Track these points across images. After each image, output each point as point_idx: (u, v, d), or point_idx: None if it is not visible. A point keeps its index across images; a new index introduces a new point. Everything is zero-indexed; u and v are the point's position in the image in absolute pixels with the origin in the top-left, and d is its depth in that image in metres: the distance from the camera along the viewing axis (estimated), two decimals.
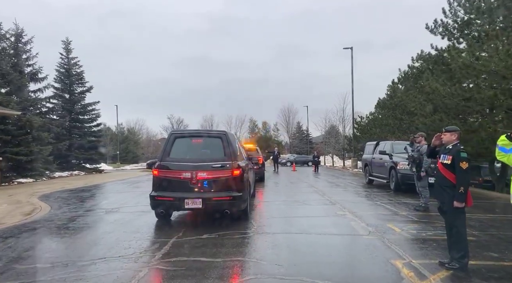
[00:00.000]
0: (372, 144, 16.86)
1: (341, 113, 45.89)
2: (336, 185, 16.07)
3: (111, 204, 10.37)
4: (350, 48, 30.72)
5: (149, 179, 20.96)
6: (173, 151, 7.19)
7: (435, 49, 19.65)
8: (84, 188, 14.62)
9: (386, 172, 13.91)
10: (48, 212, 8.64)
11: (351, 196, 12.11)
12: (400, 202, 10.40)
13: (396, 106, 23.28)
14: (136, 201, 10.66)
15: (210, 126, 77.38)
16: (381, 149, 14.88)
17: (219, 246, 5.59)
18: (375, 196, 11.73)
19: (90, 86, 24.88)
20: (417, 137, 9.29)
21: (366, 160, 16.55)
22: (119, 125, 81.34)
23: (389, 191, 13.05)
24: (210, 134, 8.39)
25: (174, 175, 6.89)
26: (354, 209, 9.02)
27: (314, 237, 6.23)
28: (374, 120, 29.91)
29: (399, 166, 12.75)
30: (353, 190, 14.04)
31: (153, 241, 5.98)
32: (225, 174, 6.93)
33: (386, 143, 14.92)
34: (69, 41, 24.54)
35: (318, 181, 19.08)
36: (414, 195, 11.62)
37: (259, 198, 11.25)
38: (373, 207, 9.62)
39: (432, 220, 7.66)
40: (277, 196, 11.94)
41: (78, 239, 6.26)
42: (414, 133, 21.08)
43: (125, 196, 12.15)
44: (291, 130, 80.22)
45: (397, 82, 29.09)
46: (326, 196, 11.77)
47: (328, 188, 14.84)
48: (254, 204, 9.85)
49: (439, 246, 5.65)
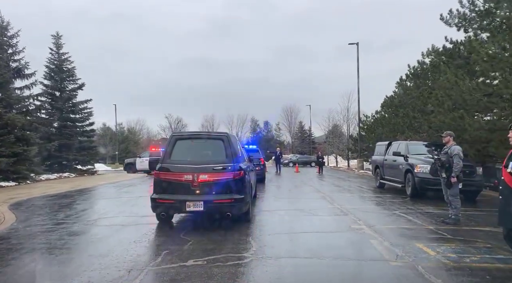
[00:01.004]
0: (383, 144, 15.50)
1: (345, 112, 44.43)
2: (344, 189, 14.73)
3: (89, 214, 9.05)
4: (356, 44, 29.35)
5: (143, 182, 19.82)
6: (174, 152, 7.11)
7: (449, 42, 18.34)
8: (67, 193, 13.29)
9: (400, 175, 12.55)
10: (8, 226, 7.30)
11: (364, 203, 10.77)
12: (422, 211, 9.04)
13: (405, 104, 21.90)
14: (119, 210, 9.34)
15: (211, 126, 76.35)
16: (394, 149, 13.53)
17: (205, 278, 4.26)
18: (391, 204, 10.37)
19: (82, 84, 23.51)
20: (445, 137, 7.93)
21: (377, 161, 15.19)
22: (118, 125, 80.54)
23: (405, 197, 11.70)
24: (211, 136, 8.31)
25: (175, 177, 6.79)
26: (370, 221, 7.68)
27: (328, 264, 4.88)
28: (382, 119, 28.50)
29: (416, 168, 11.40)
30: (364, 195, 12.69)
31: (122, 269, 4.63)
32: (227, 176, 6.81)
33: (400, 143, 13.55)
34: (59, 35, 23.18)
35: (323, 184, 17.73)
36: (435, 202, 10.31)
37: (259, 206, 9.92)
38: (393, 218, 8.26)
39: (469, 237, 6.31)
40: (280, 203, 10.59)
41: (20, 269, 4.84)
42: (425, 133, 19.76)
43: (109, 204, 10.82)
44: (293, 130, 78.87)
45: (405, 80, 27.78)
46: (336, 203, 10.43)
47: (336, 193, 13.49)
48: (253, 214, 8.53)
49: (494, 280, 4.30)
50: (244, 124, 77.16)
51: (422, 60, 24.30)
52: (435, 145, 14.06)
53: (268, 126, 79.58)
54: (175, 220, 7.77)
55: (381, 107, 34.02)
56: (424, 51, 24.55)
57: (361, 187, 15.51)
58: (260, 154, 20.84)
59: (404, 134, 20.15)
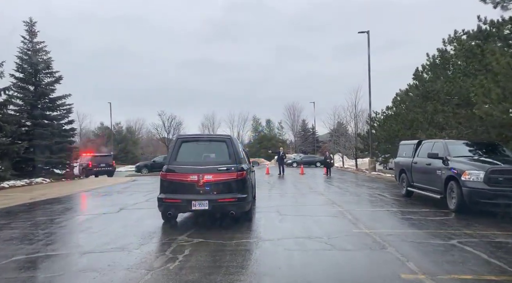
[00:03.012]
0: (410, 143, 12.77)
1: (352, 108, 41.34)
2: (364, 200, 11.97)
3: (12, 250, 6.37)
4: (367, 32, 26.57)
5: (126, 188, 17.12)
6: (180, 154, 7.41)
7: (483, 22, 15.59)
8: (12, 209, 10.60)
9: (438, 183, 9.84)
10: None
11: (400, 225, 8.01)
12: (489, 239, 6.31)
13: (428, 97, 19.11)
14: (56, 246, 6.66)
15: (211, 125, 74.01)
16: (427, 150, 10.81)
17: None
18: (436, 225, 7.63)
19: (59, 76, 20.69)
20: None
21: (403, 165, 12.45)
22: (117, 124, 78.43)
23: (447, 212, 9.00)
24: (215, 138, 8.57)
25: (181, 177, 7.12)
26: (426, 264, 4.98)
27: None
28: (396, 116, 25.70)
29: (464, 176, 8.66)
30: (392, 209, 9.95)
31: None
32: (230, 177, 7.15)
33: (436, 143, 10.78)
34: (33, 22, 20.40)
35: (336, 191, 15.00)
36: (494, 221, 7.67)
37: (259, 231, 7.23)
38: (455, 255, 5.52)
39: None
40: (285, 225, 7.85)
41: None
42: (454, 129, 16.98)
43: (57, 228, 8.12)
44: (296, 128, 76.11)
45: (422, 71, 25.04)
46: (362, 223, 7.72)
47: (356, 205, 10.77)
48: (250, 249, 5.87)
49: None
50: (245, 123, 74.53)
51: (443, 48, 21.65)
52: (477, 143, 11.38)
53: (270, 125, 76.83)
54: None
55: (393, 103, 31.33)
56: (446, 39, 21.96)
57: (382, 196, 12.79)
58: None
59: (428, 132, 17.39)
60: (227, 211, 7.11)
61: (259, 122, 76.37)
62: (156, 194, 7.42)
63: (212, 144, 7.96)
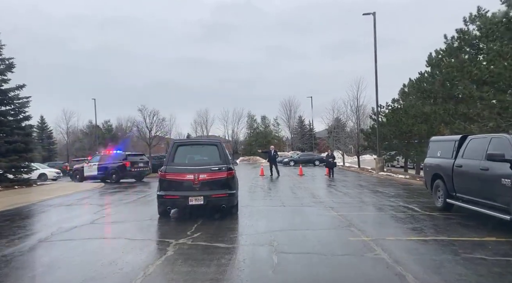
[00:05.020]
0: (448, 140, 9.67)
1: (354, 102, 37.89)
2: (392, 219, 8.74)
3: None
4: (373, 14, 23.46)
5: (82, 199, 13.54)
6: (177, 157, 8.37)
7: None
8: None
9: (506, 198, 6.75)
10: None
11: (478, 276, 4.87)
12: None
13: (452, 83, 16.06)
14: None
15: (204, 122, 70.85)
16: (479, 148, 7.75)
17: None
18: None
19: (10, 63, 17.32)
20: None
21: (439, 168, 9.35)
22: (105, 122, 74.92)
23: None
24: (207, 142, 10.20)
25: (179, 177, 8.09)
26: None
27: None
28: (408, 108, 22.62)
29: None
30: (442, 237, 6.78)
31: None
32: (222, 175, 8.21)
33: (496, 139, 7.61)
34: None
35: (347, 201, 11.86)
36: None
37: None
38: None
39: None
40: (286, 279, 4.74)
41: None
42: (491, 121, 13.85)
43: None
44: (293, 125, 73.00)
45: (436, 56, 21.96)
46: (411, 273, 4.60)
47: (383, 228, 7.65)
48: None
49: None
50: (240, 120, 71.18)
51: (465, 28, 18.63)
52: None
53: (266, 121, 73.62)
54: None
55: (400, 95, 28.27)
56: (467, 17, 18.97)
57: (410, 208, 9.70)
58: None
59: (455, 125, 14.33)
60: (219, 205, 8.16)
61: (254, 119, 73.16)
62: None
63: (204, 147, 9.19)
